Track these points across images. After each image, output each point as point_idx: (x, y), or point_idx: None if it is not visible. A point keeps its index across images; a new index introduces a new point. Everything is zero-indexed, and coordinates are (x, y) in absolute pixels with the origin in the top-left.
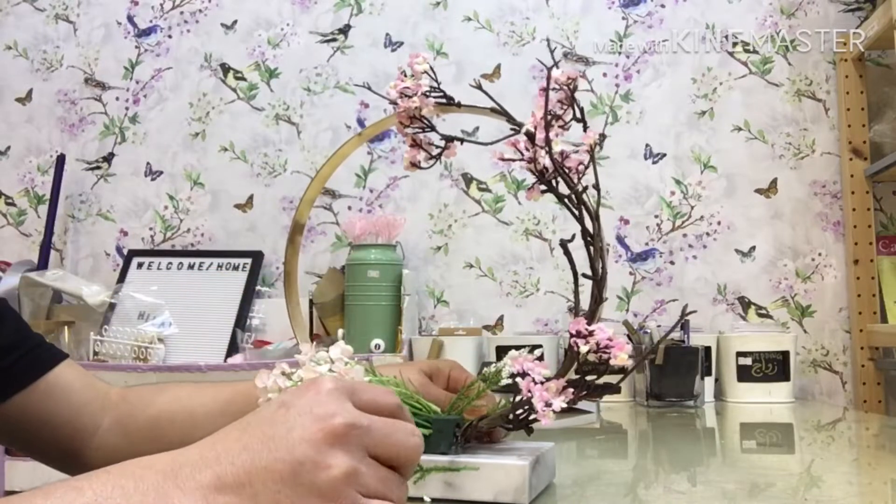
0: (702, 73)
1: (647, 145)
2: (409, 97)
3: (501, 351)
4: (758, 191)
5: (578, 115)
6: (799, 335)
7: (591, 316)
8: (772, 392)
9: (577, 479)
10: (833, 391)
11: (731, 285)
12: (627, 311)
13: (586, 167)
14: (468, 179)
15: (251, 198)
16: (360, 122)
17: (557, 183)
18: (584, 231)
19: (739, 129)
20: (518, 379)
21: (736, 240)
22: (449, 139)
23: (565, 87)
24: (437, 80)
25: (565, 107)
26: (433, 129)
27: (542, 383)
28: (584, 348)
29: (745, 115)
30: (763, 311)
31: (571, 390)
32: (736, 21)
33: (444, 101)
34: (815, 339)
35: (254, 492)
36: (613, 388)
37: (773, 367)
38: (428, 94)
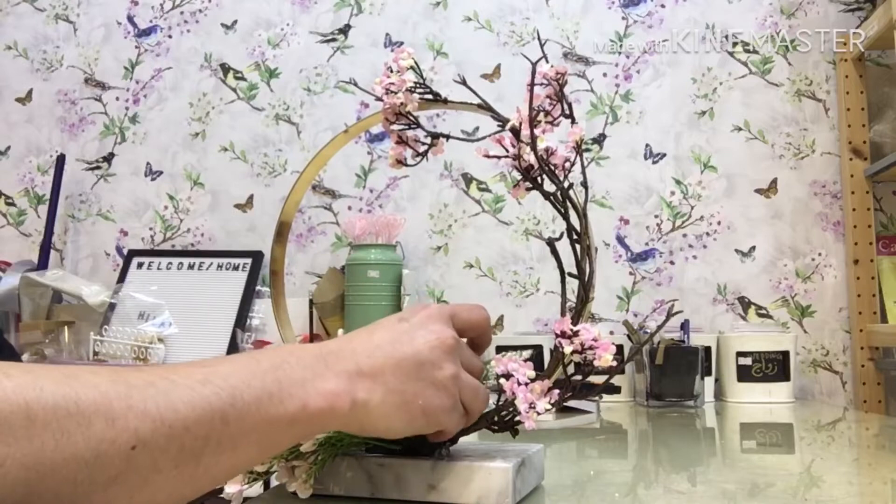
0: (702, 73)
1: (647, 145)
2: (395, 93)
3: (501, 351)
4: (758, 191)
5: (567, 110)
6: (799, 335)
7: (577, 316)
8: (772, 392)
9: (577, 479)
10: (833, 391)
11: (731, 285)
12: (627, 311)
13: (573, 164)
14: (468, 179)
15: (251, 198)
16: None
17: (543, 180)
18: (570, 229)
19: (739, 129)
20: (502, 380)
21: (736, 240)
22: (435, 136)
23: (554, 82)
24: (422, 76)
25: (554, 102)
26: (418, 125)
27: (526, 384)
28: (568, 349)
29: (745, 115)
30: (763, 311)
31: (557, 391)
32: (736, 21)
33: (429, 97)
34: (815, 339)
35: (385, 380)
36: (613, 389)
37: (773, 367)
38: (413, 89)
